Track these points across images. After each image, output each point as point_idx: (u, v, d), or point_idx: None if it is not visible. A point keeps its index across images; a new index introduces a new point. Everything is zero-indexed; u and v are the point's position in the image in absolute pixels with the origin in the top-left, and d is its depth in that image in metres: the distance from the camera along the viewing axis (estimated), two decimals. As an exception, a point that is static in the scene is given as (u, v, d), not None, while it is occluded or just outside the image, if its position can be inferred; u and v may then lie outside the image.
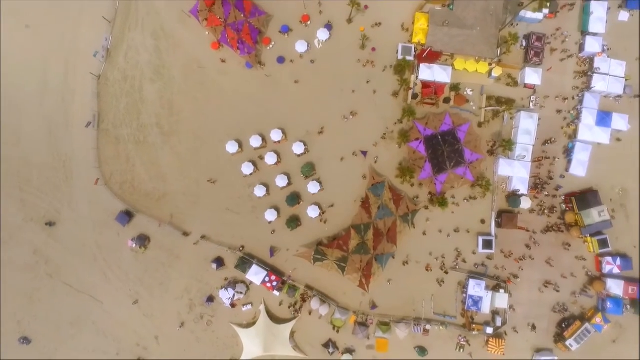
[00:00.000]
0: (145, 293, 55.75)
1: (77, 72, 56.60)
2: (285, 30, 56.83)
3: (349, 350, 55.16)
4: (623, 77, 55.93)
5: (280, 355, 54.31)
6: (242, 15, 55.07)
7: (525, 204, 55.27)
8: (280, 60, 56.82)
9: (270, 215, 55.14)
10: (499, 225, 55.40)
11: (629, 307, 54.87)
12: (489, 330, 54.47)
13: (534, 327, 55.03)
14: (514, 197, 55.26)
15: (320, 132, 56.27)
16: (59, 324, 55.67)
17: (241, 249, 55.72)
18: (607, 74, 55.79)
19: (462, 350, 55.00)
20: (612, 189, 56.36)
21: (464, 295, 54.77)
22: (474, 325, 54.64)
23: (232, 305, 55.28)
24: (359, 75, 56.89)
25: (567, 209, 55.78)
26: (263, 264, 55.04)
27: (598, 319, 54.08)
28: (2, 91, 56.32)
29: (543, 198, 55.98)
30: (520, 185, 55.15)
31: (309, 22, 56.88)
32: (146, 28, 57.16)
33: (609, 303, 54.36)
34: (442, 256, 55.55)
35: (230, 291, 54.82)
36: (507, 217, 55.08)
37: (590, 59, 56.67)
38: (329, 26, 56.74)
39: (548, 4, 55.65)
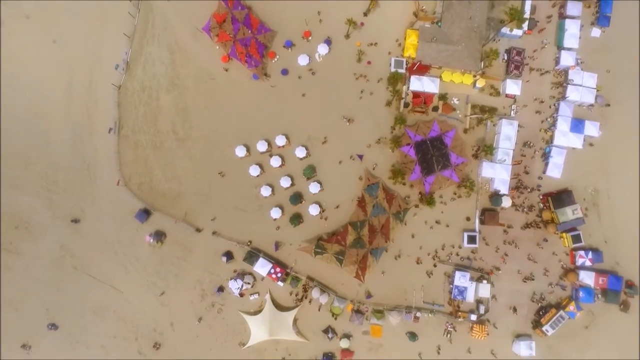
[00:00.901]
0: (161, 283, 60.88)
1: (100, 83, 61.61)
2: (289, 45, 62.04)
3: (347, 336, 60.39)
4: (594, 88, 61.17)
5: (284, 339, 59.71)
6: (250, 32, 60.48)
7: (506, 202, 60.75)
8: (284, 72, 62.03)
9: (275, 213, 60.33)
10: (482, 222, 60.93)
11: (599, 296, 60.48)
12: (473, 317, 60.07)
13: (515, 310, 60.46)
14: (495, 197, 60.72)
15: (324, 142, 61.59)
16: (83, 312, 60.79)
17: (249, 243, 61.02)
18: (580, 85, 61.05)
19: (449, 335, 60.57)
20: (585, 189, 61.69)
21: (451, 285, 60.22)
22: (459, 313, 60.14)
23: (241, 294, 60.55)
24: (356, 86, 62.08)
25: (544, 207, 61.31)
26: (268, 257, 60.22)
27: (571, 307, 59.71)
28: (31, 100, 61.39)
29: (523, 198, 61.47)
30: (502, 186, 60.53)
31: (310, 38, 62.03)
32: (162, 43, 62.23)
33: (581, 292, 59.91)
34: (435, 251, 60.69)
35: (239, 282, 60.07)
36: (489, 214, 60.51)
37: (565, 72, 61.98)
38: (328, 41, 61.87)
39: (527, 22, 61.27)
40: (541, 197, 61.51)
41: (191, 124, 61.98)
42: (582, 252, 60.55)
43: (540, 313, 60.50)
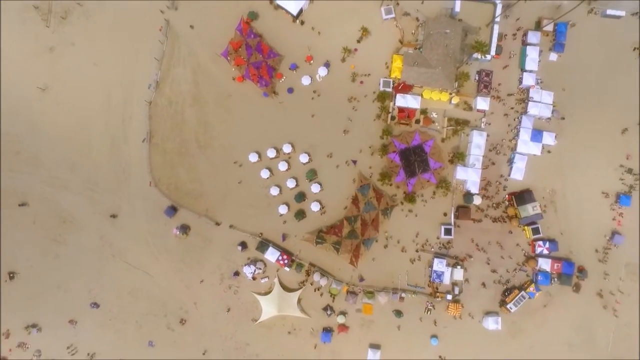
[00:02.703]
0: (186, 269, 71.03)
1: (134, 100, 71.48)
2: (294, 67, 72.15)
3: (343, 313, 70.38)
4: (551, 104, 71.33)
5: (290, 315, 70.09)
6: (261, 57, 71.29)
7: (477, 200, 71.42)
8: (290, 90, 72.25)
9: (282, 209, 70.38)
10: (457, 217, 71.64)
11: (555, 279, 71.13)
12: (449, 297, 70.87)
13: (484, 285, 70.92)
14: (468, 196, 71.19)
15: (329, 156, 71.62)
16: (120, 293, 70.93)
17: (260, 235, 71.26)
18: (539, 102, 71.32)
19: (429, 313, 71.12)
20: (543, 189, 71.35)
21: (430, 270, 71.00)
22: (438, 294, 70.58)
23: (253, 278, 70.53)
24: (351, 103, 72.56)
25: (509, 204, 72.14)
26: (277, 246, 70.44)
27: (532, 288, 70.37)
28: (76, 114, 71.80)
29: (490, 199, 72.28)
30: (473, 187, 71.06)
31: (312, 62, 72.37)
32: (187, 65, 72.12)
33: (540, 276, 70.33)
34: (416, 240, 70.83)
35: (252, 267, 70.20)
36: (463, 210, 71.19)
37: (527, 90, 72.44)
38: (327, 64, 72.23)
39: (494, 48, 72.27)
40: (506, 196, 72.39)
41: (211, 134, 72.01)
42: (540, 242, 70.18)
43: (506, 294, 70.97)
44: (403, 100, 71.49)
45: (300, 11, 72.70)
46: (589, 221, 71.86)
